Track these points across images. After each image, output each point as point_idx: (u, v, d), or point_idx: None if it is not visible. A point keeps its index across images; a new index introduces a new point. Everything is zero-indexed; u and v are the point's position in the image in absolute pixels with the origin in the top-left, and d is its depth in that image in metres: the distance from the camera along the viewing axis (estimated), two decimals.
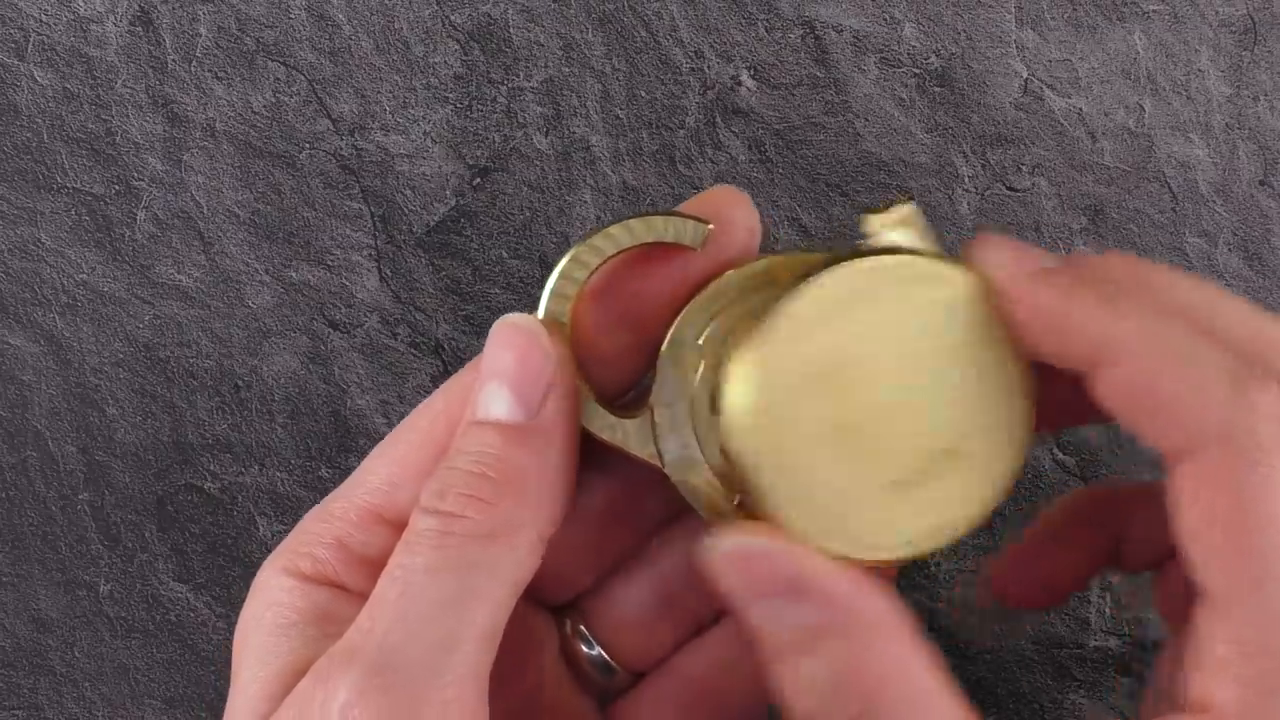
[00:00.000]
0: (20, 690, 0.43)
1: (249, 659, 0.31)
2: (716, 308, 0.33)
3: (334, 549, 0.32)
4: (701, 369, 0.32)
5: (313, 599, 0.31)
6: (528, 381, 0.31)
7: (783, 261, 0.33)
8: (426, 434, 0.33)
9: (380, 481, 0.33)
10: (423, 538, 0.29)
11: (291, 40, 0.43)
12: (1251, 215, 0.43)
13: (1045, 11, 0.43)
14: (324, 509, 0.33)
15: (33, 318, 0.43)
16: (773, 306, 0.30)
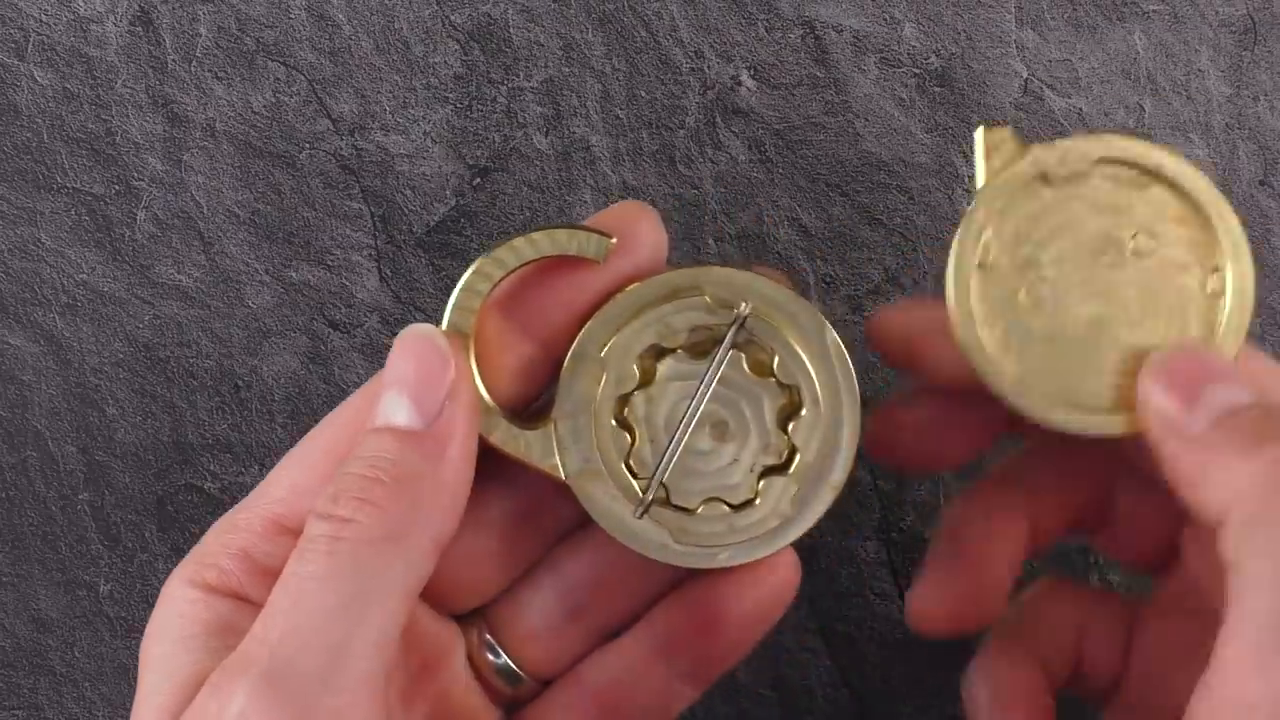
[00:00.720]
0: (20, 690, 0.43)
1: (151, 670, 0.31)
2: (620, 321, 0.33)
3: (238, 559, 0.32)
4: (605, 381, 0.33)
5: (215, 610, 0.32)
6: (426, 389, 0.31)
7: (684, 275, 0.33)
8: (331, 443, 0.33)
9: (284, 491, 0.33)
10: (314, 544, 0.30)
11: (291, 40, 0.43)
12: (1251, 215, 0.43)
13: (1045, 11, 0.43)
14: (229, 519, 0.33)
15: (33, 318, 0.43)
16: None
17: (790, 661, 0.42)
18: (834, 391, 0.33)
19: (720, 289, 0.33)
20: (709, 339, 0.33)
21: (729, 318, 0.33)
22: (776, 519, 0.33)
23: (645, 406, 0.33)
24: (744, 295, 0.33)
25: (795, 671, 0.42)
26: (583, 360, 0.33)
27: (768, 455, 0.33)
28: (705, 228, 0.43)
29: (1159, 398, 0.31)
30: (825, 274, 0.43)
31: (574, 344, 0.33)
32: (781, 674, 0.42)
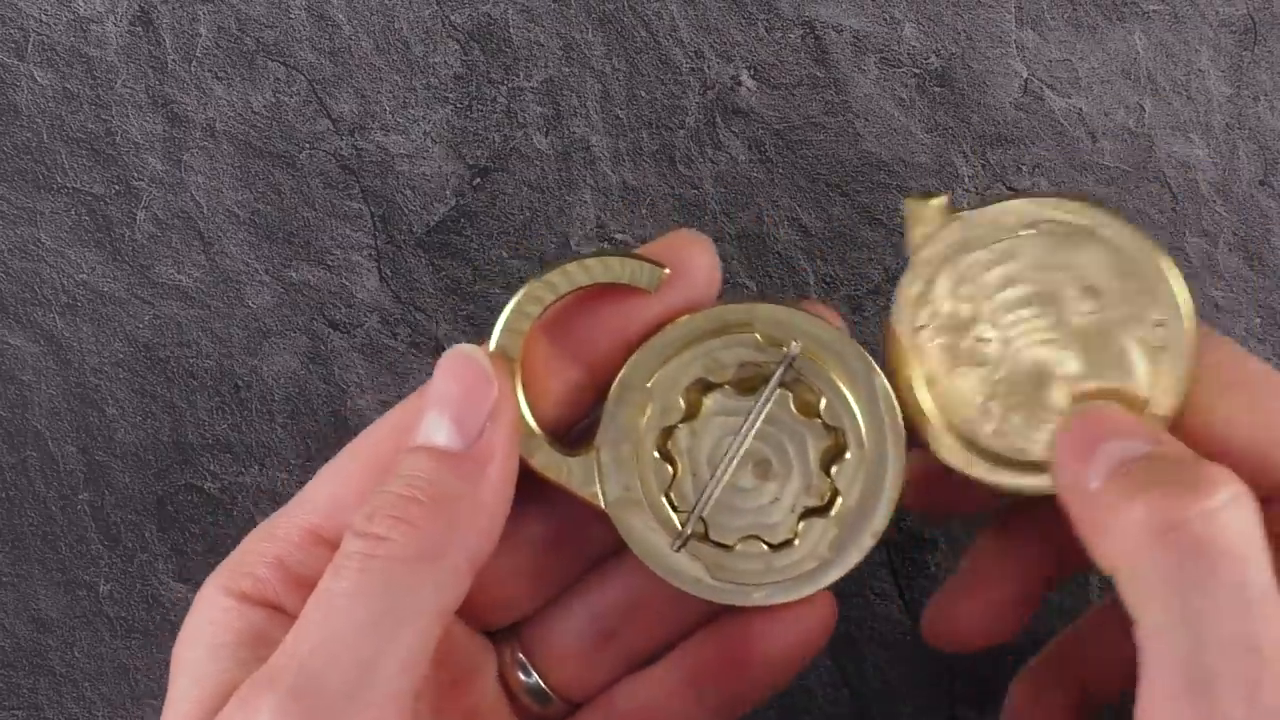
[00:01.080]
0: (20, 690, 0.43)
1: (183, 676, 0.31)
2: (669, 352, 0.33)
3: (274, 568, 0.32)
4: (650, 412, 0.33)
5: (249, 619, 0.32)
6: (468, 410, 0.31)
7: (735, 311, 0.33)
8: (371, 456, 0.33)
9: (323, 502, 0.33)
10: (349, 560, 0.30)
11: (291, 40, 0.43)
12: (1251, 215, 0.43)
13: (1045, 11, 0.43)
14: (268, 528, 0.33)
15: (33, 318, 0.43)
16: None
17: None
18: (879, 436, 0.33)
19: (770, 327, 0.33)
20: (757, 376, 0.33)
21: (778, 356, 0.33)
22: (814, 561, 0.33)
23: (689, 440, 0.33)
24: (794, 335, 0.33)
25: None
26: (629, 389, 0.33)
27: (809, 496, 0.33)
28: (705, 228, 0.43)
29: (1061, 456, 0.31)
30: (825, 274, 0.43)
31: (621, 372, 0.33)
32: None
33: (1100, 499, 0.29)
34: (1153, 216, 0.43)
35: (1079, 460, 0.30)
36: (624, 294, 0.33)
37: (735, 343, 0.33)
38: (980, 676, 0.42)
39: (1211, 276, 0.43)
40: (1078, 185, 0.43)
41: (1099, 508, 0.29)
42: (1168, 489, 0.28)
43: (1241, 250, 0.43)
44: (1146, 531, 0.28)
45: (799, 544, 0.33)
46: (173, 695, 0.31)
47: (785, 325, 0.33)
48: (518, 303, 0.32)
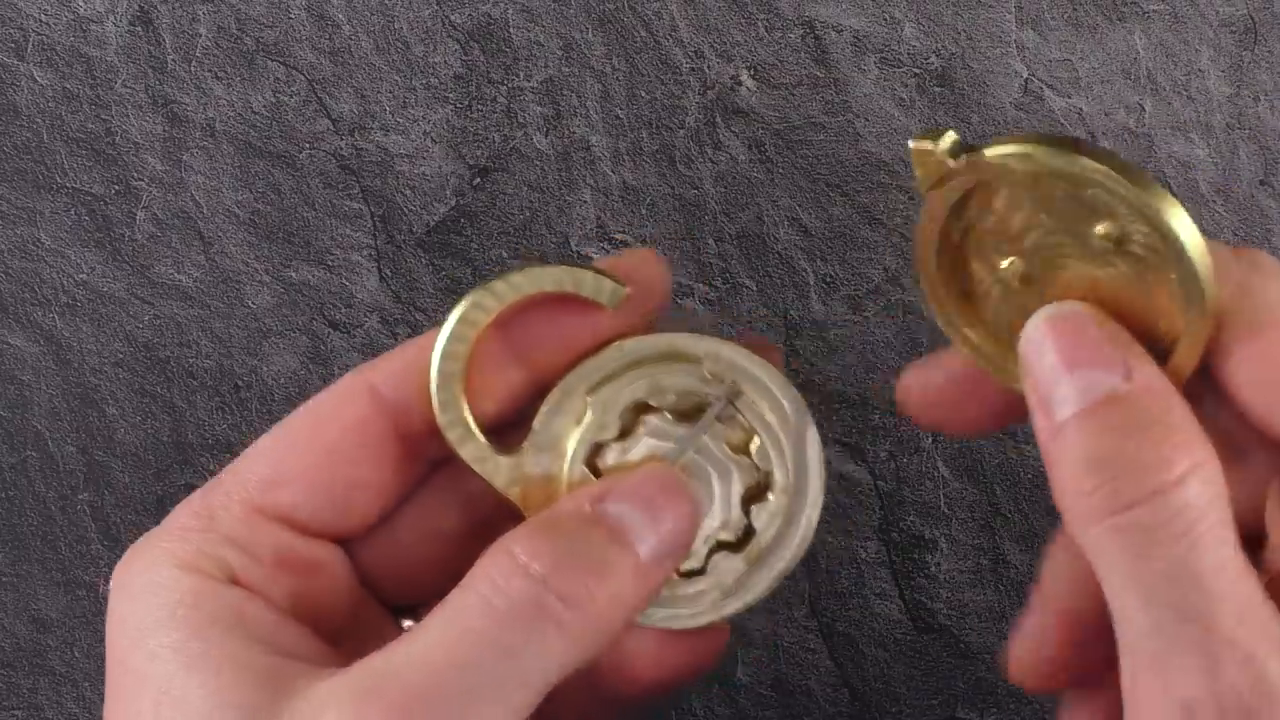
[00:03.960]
0: (20, 690, 0.43)
1: (167, 658, 0.30)
2: (613, 369, 0.33)
3: (227, 546, 0.32)
4: (584, 424, 0.33)
5: (227, 600, 0.31)
6: (670, 541, 0.32)
7: (686, 340, 0.33)
8: (312, 435, 0.33)
9: (260, 477, 0.32)
10: (505, 595, 0.29)
11: (291, 40, 0.43)
12: (1251, 215, 0.43)
13: (1045, 11, 0.43)
14: (204, 502, 0.33)
15: (33, 318, 0.43)
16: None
17: (790, 661, 0.42)
18: (804, 485, 0.34)
19: (718, 363, 0.33)
20: (695, 406, 0.34)
21: (719, 390, 0.34)
22: (717, 592, 0.34)
23: (617, 457, 0.34)
24: (739, 373, 0.33)
25: (795, 671, 0.42)
26: (568, 398, 0.33)
27: (725, 531, 0.34)
28: (705, 228, 0.43)
29: (1031, 358, 0.30)
30: (825, 274, 0.43)
31: (563, 380, 0.33)
32: (781, 674, 0.42)
33: (1064, 433, 0.29)
34: None
35: (1049, 378, 0.30)
36: (580, 304, 0.33)
37: (681, 371, 0.33)
38: (980, 677, 0.42)
39: None
40: None
41: (1060, 440, 0.29)
42: (1123, 462, 0.28)
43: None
44: (1101, 504, 0.28)
45: (706, 575, 0.34)
46: (176, 688, 0.29)
47: (731, 363, 0.33)
48: (477, 297, 0.33)
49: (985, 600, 0.42)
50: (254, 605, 0.31)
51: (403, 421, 0.33)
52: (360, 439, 0.33)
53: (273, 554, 0.32)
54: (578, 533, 0.31)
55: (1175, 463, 0.28)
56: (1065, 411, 0.29)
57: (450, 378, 0.33)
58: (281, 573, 0.32)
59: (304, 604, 0.33)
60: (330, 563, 0.33)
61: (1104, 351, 0.30)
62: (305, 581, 0.33)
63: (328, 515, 0.33)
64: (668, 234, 0.43)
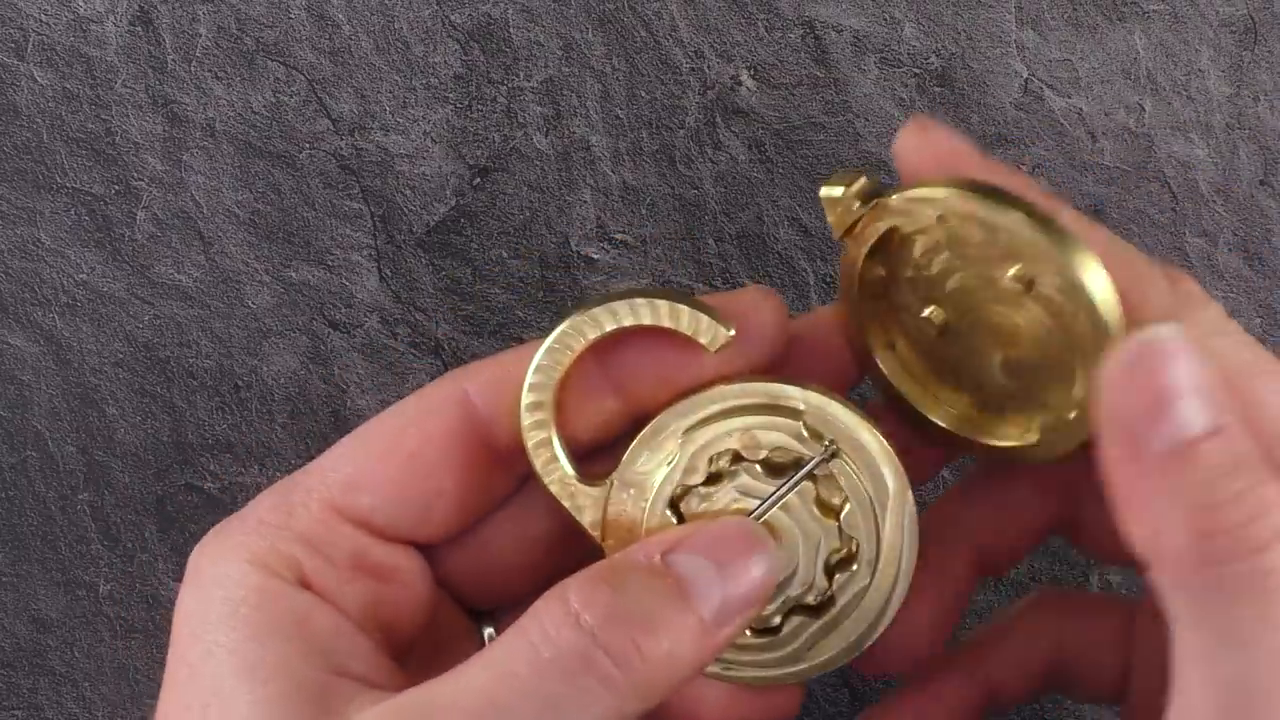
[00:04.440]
0: (20, 690, 0.43)
1: (222, 658, 0.29)
2: (710, 414, 0.32)
3: (301, 545, 0.31)
4: (672, 465, 0.32)
5: (291, 604, 0.30)
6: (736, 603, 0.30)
7: (788, 393, 0.32)
8: (395, 441, 0.32)
9: (342, 478, 0.32)
10: (557, 645, 0.28)
11: (291, 40, 0.43)
12: (1251, 215, 0.43)
13: (1045, 11, 0.43)
14: (284, 499, 0.32)
15: (33, 318, 0.43)
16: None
17: None
18: (890, 561, 0.32)
19: (819, 421, 0.32)
20: (789, 461, 0.32)
21: (816, 450, 0.32)
22: (790, 655, 0.33)
23: (701, 504, 0.32)
24: (840, 434, 0.32)
25: None
26: (659, 436, 0.32)
27: (806, 594, 0.32)
28: (705, 228, 0.43)
29: (1118, 391, 0.28)
30: (825, 274, 0.43)
31: (657, 418, 0.32)
32: None
33: (1152, 470, 0.27)
34: (1153, 216, 0.43)
35: (1143, 413, 0.27)
36: (682, 339, 0.32)
37: (778, 425, 0.32)
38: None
39: (1211, 276, 0.43)
40: (1078, 185, 0.43)
41: (1147, 478, 0.27)
42: (1220, 511, 0.27)
43: (1241, 250, 0.43)
44: (1194, 553, 0.27)
45: (780, 636, 0.33)
46: (226, 689, 0.29)
47: (833, 421, 0.32)
48: (569, 326, 0.32)
49: (985, 600, 0.42)
50: (320, 612, 0.31)
51: (493, 434, 0.32)
52: (446, 448, 0.32)
53: (348, 557, 0.32)
54: (639, 584, 0.29)
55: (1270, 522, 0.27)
56: (1177, 439, 0.27)
57: (540, 401, 0.32)
58: (355, 577, 0.32)
59: (376, 610, 0.32)
60: (406, 569, 0.33)
61: (1203, 377, 0.27)
62: (379, 588, 0.32)
63: (408, 522, 0.32)
64: (668, 234, 0.43)
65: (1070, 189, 0.43)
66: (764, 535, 0.31)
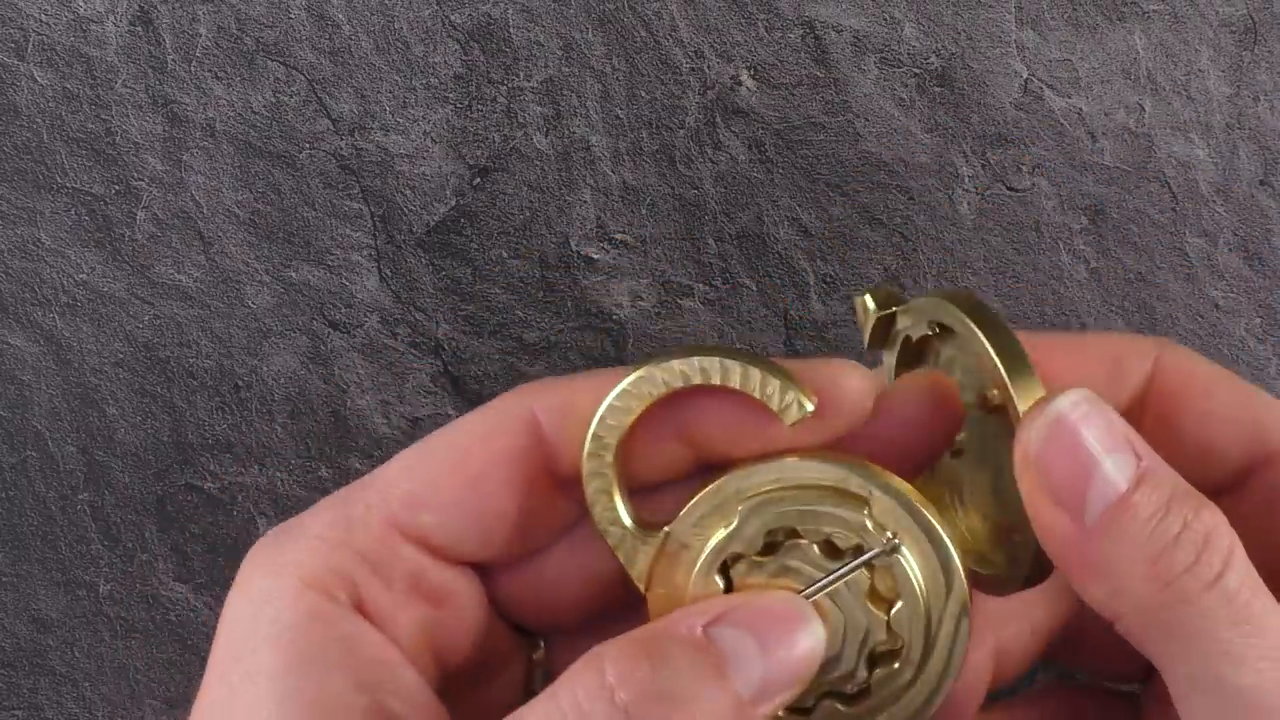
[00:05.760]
0: (20, 690, 0.43)
1: (262, 684, 0.29)
2: (774, 487, 0.31)
3: (358, 564, 0.30)
4: (728, 531, 0.31)
5: (338, 626, 0.30)
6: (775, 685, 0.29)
7: (859, 480, 0.31)
8: (459, 461, 0.31)
9: (403, 494, 0.31)
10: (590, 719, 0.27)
11: (291, 40, 0.43)
12: (1251, 215, 0.43)
13: (1045, 11, 0.43)
14: (342, 511, 0.31)
15: (33, 318, 0.43)
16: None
17: None
18: (939, 667, 0.31)
19: (886, 515, 0.31)
20: (848, 546, 0.31)
21: (878, 541, 0.31)
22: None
23: (751, 574, 0.31)
24: (905, 529, 0.31)
25: None
26: (720, 499, 0.31)
27: (842, 682, 0.32)
28: (705, 228, 0.43)
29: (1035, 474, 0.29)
30: (825, 274, 0.43)
31: (721, 479, 0.31)
32: None
33: (1094, 535, 0.28)
34: (1153, 216, 0.43)
35: (1070, 487, 0.28)
36: (760, 403, 0.31)
37: (843, 508, 0.31)
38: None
39: (1211, 276, 0.43)
40: (1078, 185, 0.43)
41: (1092, 543, 0.28)
42: (1170, 556, 0.28)
43: (1241, 250, 0.43)
44: (1158, 600, 0.27)
45: (811, 718, 0.32)
46: (245, 708, 0.29)
47: (899, 515, 0.31)
48: (645, 374, 0.31)
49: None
50: (370, 641, 0.30)
51: (557, 462, 0.32)
52: (511, 470, 0.31)
53: (406, 577, 0.31)
54: (678, 659, 0.28)
55: (1213, 538, 0.28)
56: (1110, 499, 0.28)
57: (604, 446, 0.31)
58: (412, 601, 0.31)
59: (429, 636, 0.32)
60: (463, 592, 0.32)
61: (1119, 437, 0.29)
62: (434, 612, 0.32)
63: (469, 543, 0.32)
64: (668, 234, 0.43)
65: (1070, 189, 0.43)
66: (812, 615, 0.30)
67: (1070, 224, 0.43)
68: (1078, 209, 0.43)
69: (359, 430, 0.43)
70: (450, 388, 0.43)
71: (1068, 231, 0.43)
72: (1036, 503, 0.29)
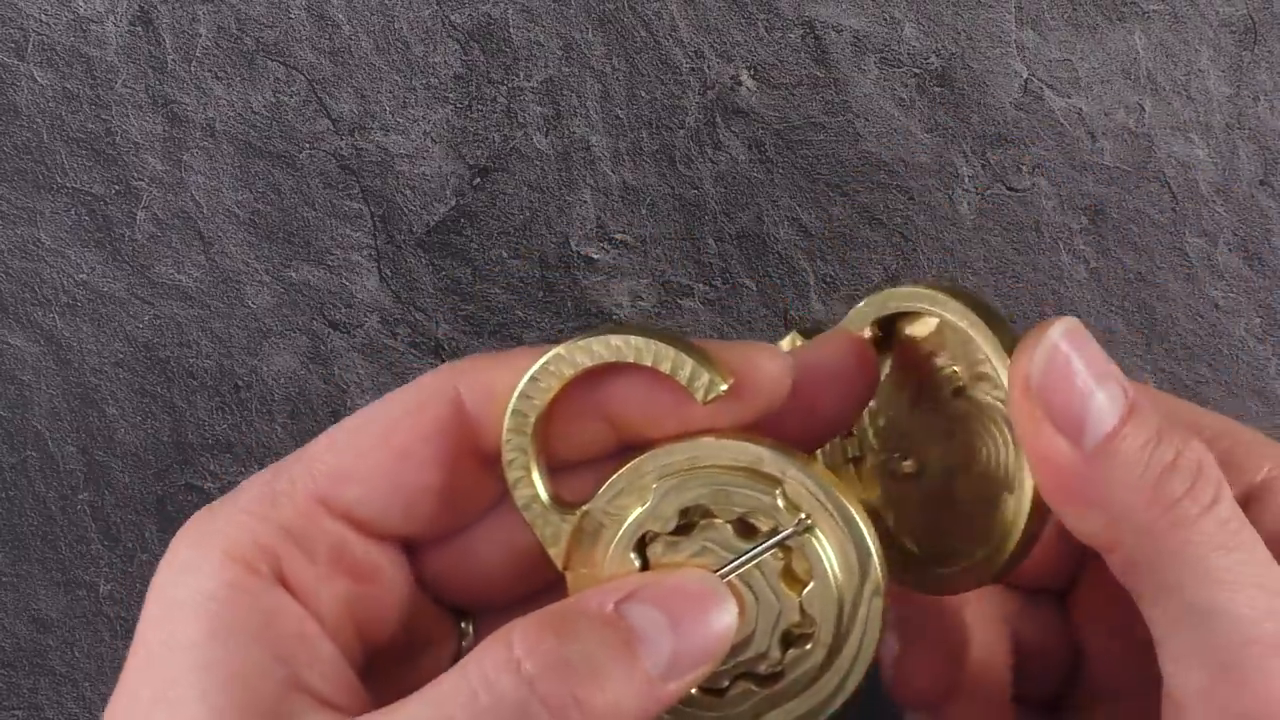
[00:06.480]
0: (20, 690, 0.43)
1: (180, 653, 0.29)
2: (687, 465, 0.31)
3: (282, 538, 0.30)
4: (642, 509, 0.31)
5: (258, 599, 0.30)
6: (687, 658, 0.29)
7: (773, 460, 0.31)
8: (384, 435, 0.31)
9: (329, 469, 0.31)
10: (495, 691, 0.28)
11: (291, 40, 0.43)
12: (1251, 215, 0.43)
13: (1045, 11, 0.43)
14: (268, 487, 0.31)
15: (33, 318, 0.43)
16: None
17: None
18: (847, 650, 0.31)
19: (798, 494, 0.31)
20: (761, 526, 0.31)
21: (790, 522, 0.31)
22: (729, 717, 0.32)
23: (664, 551, 0.32)
24: (817, 510, 0.31)
25: None
26: (636, 477, 0.32)
27: (755, 663, 0.32)
28: (705, 228, 0.43)
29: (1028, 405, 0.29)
30: (825, 274, 0.43)
31: (637, 459, 0.32)
32: None
33: (1092, 467, 0.28)
34: (1152, 216, 0.43)
35: (1067, 422, 0.28)
36: (676, 384, 0.31)
37: (756, 489, 0.31)
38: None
39: (1211, 276, 0.43)
40: (1077, 185, 0.43)
41: (1089, 475, 0.28)
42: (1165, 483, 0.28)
43: (1241, 250, 0.43)
44: (1156, 526, 0.28)
45: (723, 699, 0.32)
46: (164, 674, 0.29)
47: (812, 496, 0.31)
48: (562, 352, 0.31)
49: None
50: (290, 613, 0.30)
51: (483, 439, 0.32)
52: (437, 445, 0.31)
53: (329, 551, 0.31)
54: (587, 634, 0.28)
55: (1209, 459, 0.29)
56: (1106, 426, 0.28)
57: (522, 422, 0.31)
58: (335, 575, 0.31)
59: (352, 610, 0.32)
60: (387, 568, 0.32)
61: (1107, 370, 0.29)
62: (357, 587, 0.32)
63: (393, 518, 0.32)
64: (668, 234, 0.43)
65: (1070, 189, 0.43)
66: (725, 593, 0.30)
67: (1070, 224, 0.43)
68: (1078, 209, 0.43)
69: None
70: None
71: (1068, 231, 0.43)
72: (1037, 431, 0.29)
